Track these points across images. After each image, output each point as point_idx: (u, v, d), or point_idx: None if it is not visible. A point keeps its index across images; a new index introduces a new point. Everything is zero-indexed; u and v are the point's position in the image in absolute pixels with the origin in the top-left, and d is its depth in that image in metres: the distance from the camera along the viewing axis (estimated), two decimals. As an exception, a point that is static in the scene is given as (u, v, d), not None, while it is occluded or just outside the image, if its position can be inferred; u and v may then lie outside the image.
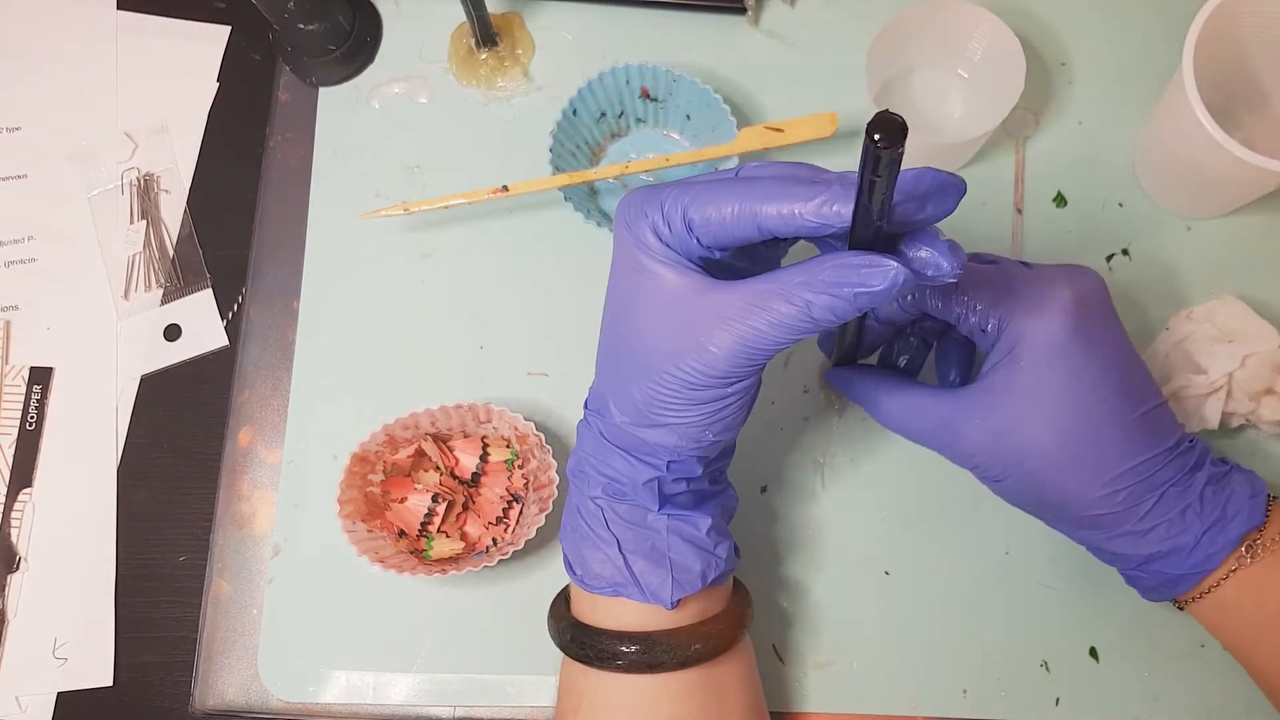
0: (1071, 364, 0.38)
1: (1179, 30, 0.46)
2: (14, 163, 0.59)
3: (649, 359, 0.36)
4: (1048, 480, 0.40)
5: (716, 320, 0.34)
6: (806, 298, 0.32)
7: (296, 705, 0.50)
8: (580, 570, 0.40)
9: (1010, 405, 0.39)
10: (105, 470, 0.55)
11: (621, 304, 0.37)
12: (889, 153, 0.28)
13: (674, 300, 0.35)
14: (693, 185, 0.35)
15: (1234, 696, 0.47)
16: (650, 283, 0.35)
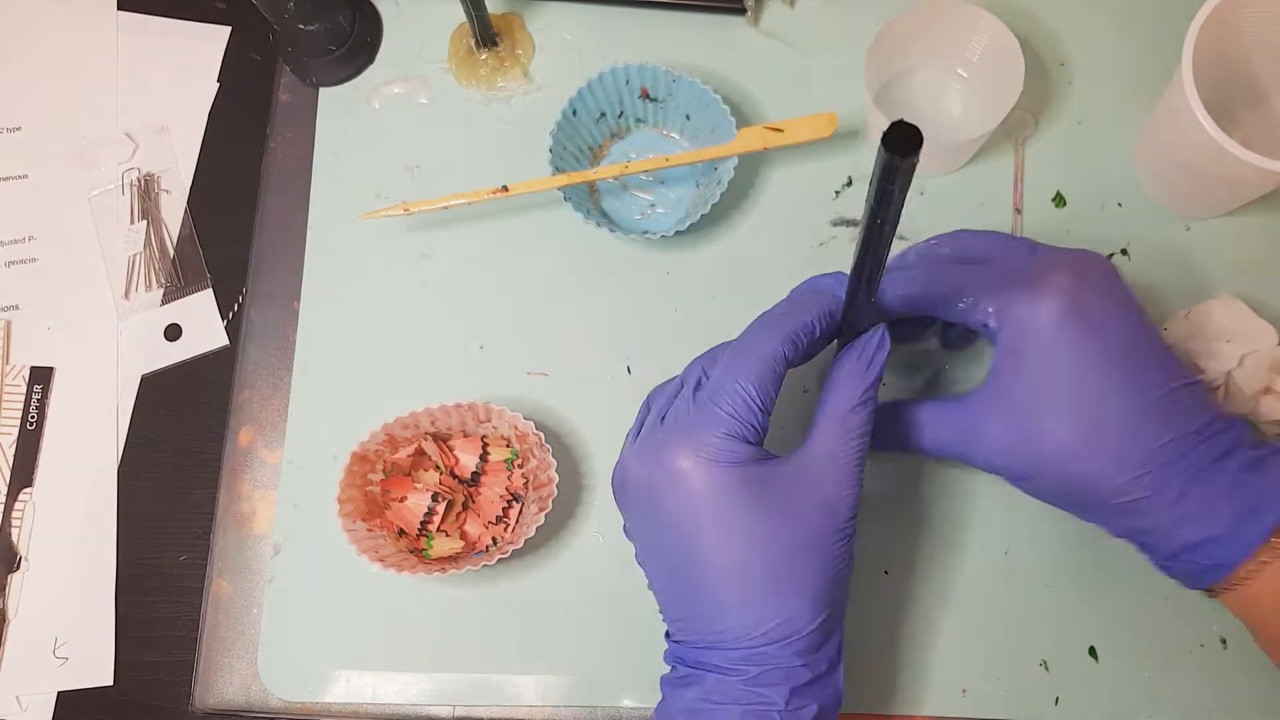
0: (1073, 348, 0.38)
1: (1179, 30, 0.46)
2: (14, 163, 0.59)
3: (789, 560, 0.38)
4: (1070, 472, 0.39)
5: (830, 471, 0.38)
6: (865, 398, 0.39)
7: (296, 705, 0.50)
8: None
9: (1020, 400, 0.39)
10: (106, 470, 0.55)
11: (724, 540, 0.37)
12: (905, 162, 0.28)
13: (784, 487, 0.38)
14: (729, 371, 0.39)
15: (1234, 696, 0.47)
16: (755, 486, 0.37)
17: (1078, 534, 0.49)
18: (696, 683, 0.38)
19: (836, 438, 0.38)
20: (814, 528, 0.37)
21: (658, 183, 0.56)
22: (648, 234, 0.51)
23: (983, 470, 0.42)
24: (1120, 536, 0.42)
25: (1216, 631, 0.48)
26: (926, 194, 0.54)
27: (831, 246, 0.54)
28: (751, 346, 0.39)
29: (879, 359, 0.40)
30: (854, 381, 0.39)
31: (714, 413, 0.38)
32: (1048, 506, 0.50)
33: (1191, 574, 0.40)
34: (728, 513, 0.37)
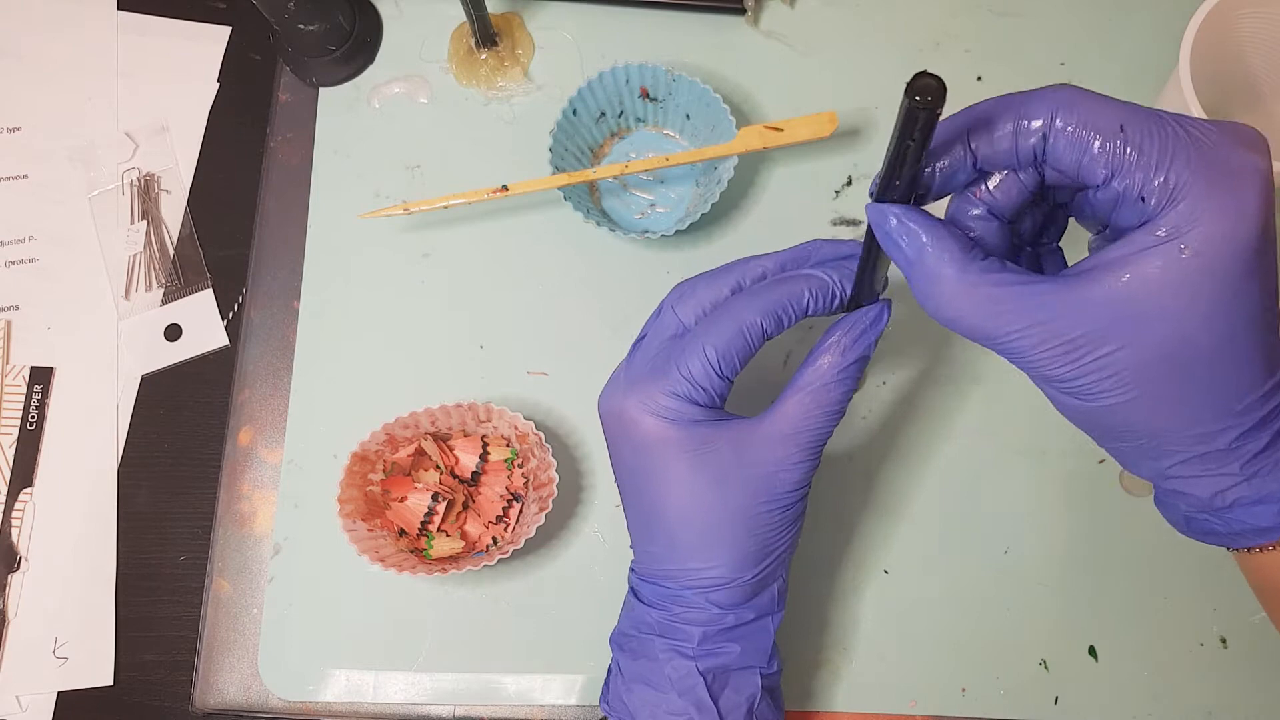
0: (1254, 264, 0.29)
1: (1177, 31, 0.46)
2: (14, 163, 0.59)
3: (730, 516, 0.38)
4: (1167, 401, 0.31)
5: (778, 446, 0.38)
6: (843, 375, 0.38)
7: (297, 704, 0.50)
8: None
9: (1162, 303, 0.30)
10: (106, 470, 0.55)
11: (662, 491, 0.39)
12: (927, 114, 0.27)
13: (723, 453, 0.38)
14: (702, 332, 0.39)
15: (1234, 695, 0.47)
16: (691, 446, 0.38)
17: (1078, 533, 0.50)
18: (633, 609, 0.41)
19: (795, 414, 0.38)
20: (747, 496, 0.38)
21: (658, 182, 0.56)
22: (648, 233, 0.51)
23: (1015, 364, 0.33)
24: (1149, 478, 0.35)
25: (1216, 631, 0.48)
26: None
27: (831, 246, 0.54)
28: (733, 313, 0.38)
29: (868, 339, 0.38)
30: (833, 358, 0.38)
31: (673, 371, 0.38)
32: (1048, 505, 0.50)
33: (1235, 532, 0.34)
34: (666, 468, 0.38)
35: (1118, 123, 0.30)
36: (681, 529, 0.39)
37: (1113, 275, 0.30)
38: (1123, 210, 0.31)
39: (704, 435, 0.38)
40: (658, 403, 0.38)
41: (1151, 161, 0.29)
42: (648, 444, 0.38)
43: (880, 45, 0.57)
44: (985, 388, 0.52)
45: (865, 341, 0.38)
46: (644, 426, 0.38)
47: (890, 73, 0.56)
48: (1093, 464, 0.50)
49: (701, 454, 0.38)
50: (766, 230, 0.54)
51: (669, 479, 0.38)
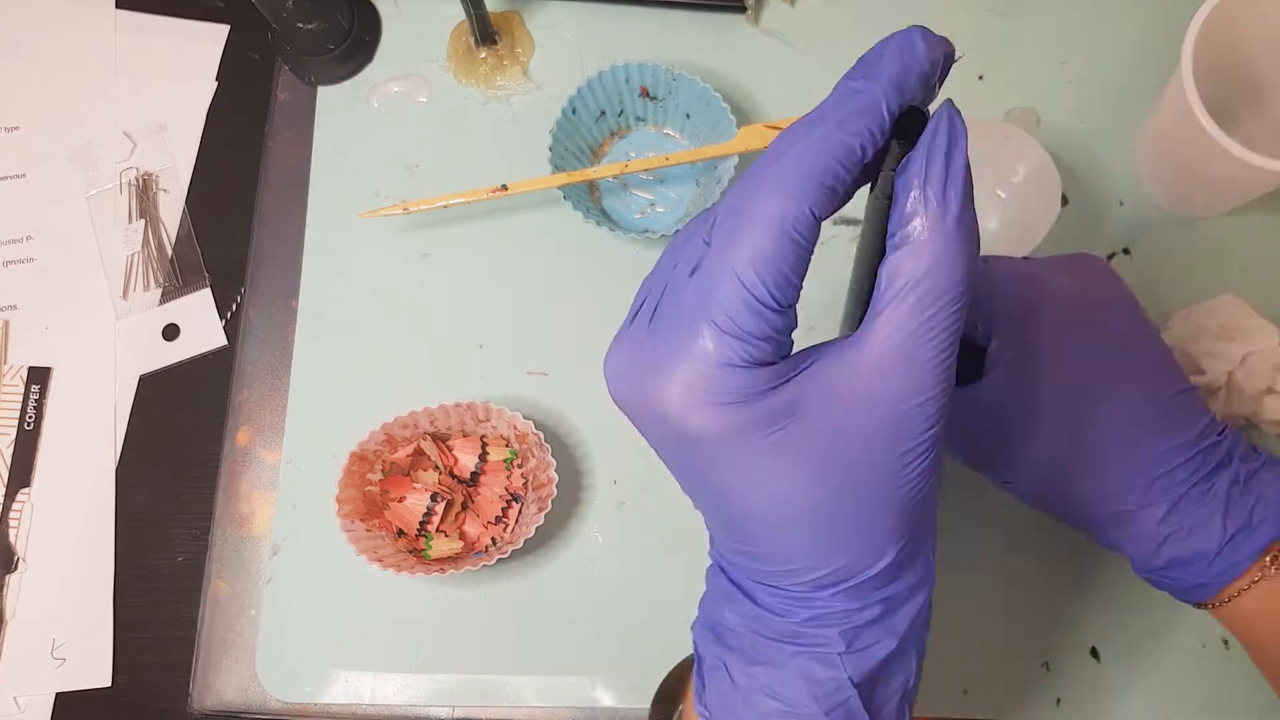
0: (1071, 353, 0.36)
1: (1179, 29, 0.46)
2: (12, 162, 0.59)
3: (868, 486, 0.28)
4: (1055, 482, 0.38)
5: (892, 375, 0.26)
6: (962, 234, 0.26)
7: (295, 706, 0.50)
8: None
9: (1011, 404, 0.37)
10: (104, 470, 0.54)
11: (744, 492, 0.28)
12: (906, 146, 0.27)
13: (816, 417, 0.27)
14: (724, 255, 0.26)
15: (1236, 697, 0.47)
16: (769, 426, 0.26)
17: (1079, 534, 0.49)
18: (739, 603, 0.31)
19: (906, 321, 0.26)
20: (871, 457, 0.27)
21: (658, 181, 0.55)
22: (648, 233, 0.51)
23: (967, 466, 0.40)
24: (1107, 547, 0.40)
25: (1218, 633, 0.48)
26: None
27: (832, 246, 0.54)
28: (761, 206, 0.26)
29: (957, 165, 0.26)
30: (930, 216, 0.25)
31: (706, 329, 0.26)
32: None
33: (1181, 589, 0.39)
34: (744, 464, 0.27)
35: None
36: (787, 530, 0.28)
37: (979, 388, 0.37)
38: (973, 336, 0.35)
39: (782, 403, 0.26)
40: (707, 385, 0.26)
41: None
42: (706, 441, 0.27)
43: (881, 44, 0.57)
44: (986, 388, 0.52)
45: (959, 167, 0.26)
46: (696, 422, 0.26)
47: (891, 72, 0.56)
48: (1094, 464, 0.50)
49: (790, 428, 0.26)
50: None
51: (752, 475, 0.27)
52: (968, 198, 0.26)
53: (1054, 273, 0.37)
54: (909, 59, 0.28)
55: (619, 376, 0.28)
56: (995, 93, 0.56)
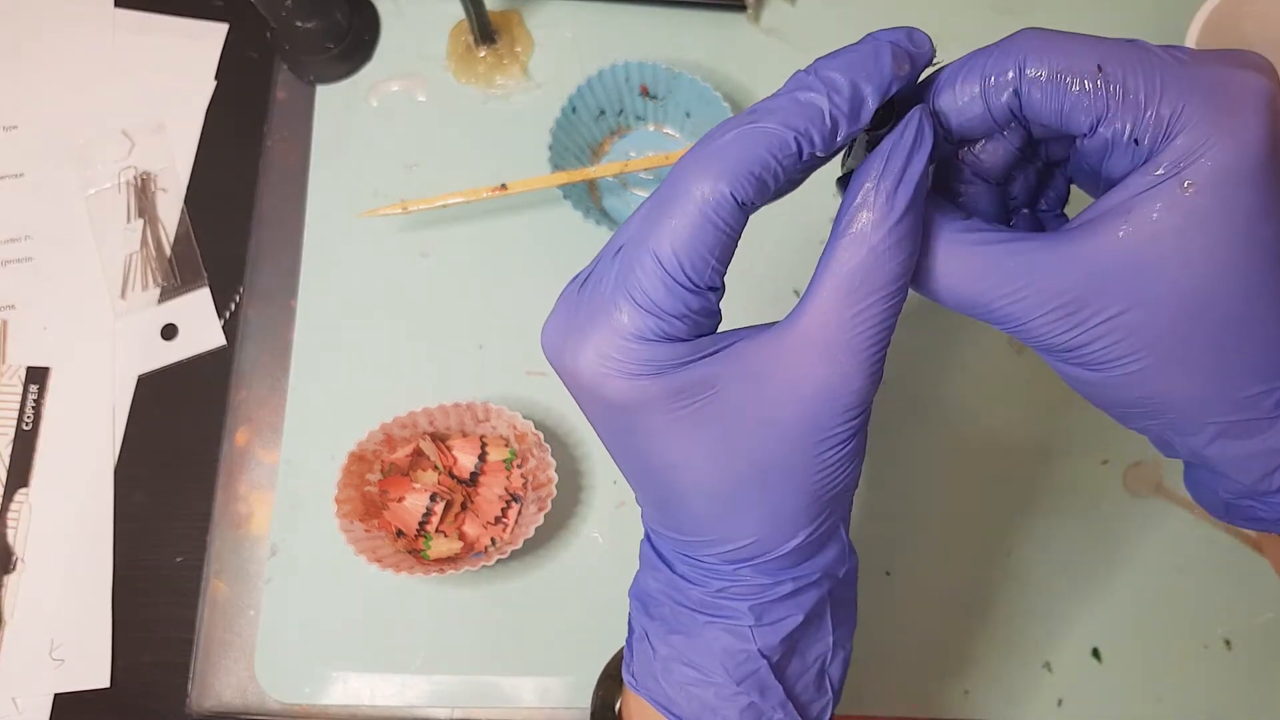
0: (1270, 196, 0.25)
1: (1179, 29, 0.45)
2: (11, 161, 0.59)
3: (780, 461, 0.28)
4: (1190, 364, 0.27)
5: (816, 361, 0.27)
6: (900, 236, 0.26)
7: (294, 706, 0.49)
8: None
9: (1169, 251, 0.25)
10: (102, 470, 0.54)
11: (662, 462, 0.28)
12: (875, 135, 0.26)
13: (734, 393, 0.27)
14: (643, 232, 0.27)
15: (1237, 697, 0.47)
16: (685, 399, 0.27)
17: (1081, 535, 0.49)
18: (660, 571, 0.32)
19: (838, 310, 0.26)
20: (786, 442, 0.27)
21: (658, 180, 0.55)
22: (647, 233, 0.51)
23: (1017, 336, 0.28)
24: (1188, 457, 0.31)
25: (1220, 633, 0.48)
26: (927, 193, 0.54)
27: (832, 245, 0.54)
28: (684, 186, 0.26)
29: (916, 167, 0.26)
30: (875, 213, 0.26)
31: (622, 302, 0.27)
32: (1051, 507, 0.50)
33: (1276, 519, 0.30)
34: (656, 433, 0.27)
35: (1094, 61, 0.27)
36: (701, 502, 0.28)
37: (1110, 225, 0.26)
38: (1115, 158, 0.27)
39: (699, 378, 0.27)
40: (619, 355, 0.27)
41: (1139, 98, 0.26)
42: (623, 409, 0.27)
43: (881, 43, 0.57)
44: (988, 388, 0.51)
45: (915, 173, 0.26)
46: (610, 390, 0.27)
47: (891, 71, 0.56)
48: (1096, 464, 0.50)
49: (702, 404, 0.27)
50: (765, 229, 0.54)
51: (668, 447, 0.27)
52: (915, 201, 0.26)
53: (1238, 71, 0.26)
54: (870, 72, 0.27)
55: (549, 338, 0.29)
56: (996, 92, 0.56)
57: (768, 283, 0.53)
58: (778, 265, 0.54)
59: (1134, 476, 0.50)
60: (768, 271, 0.53)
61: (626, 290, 0.27)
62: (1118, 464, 0.50)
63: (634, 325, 0.26)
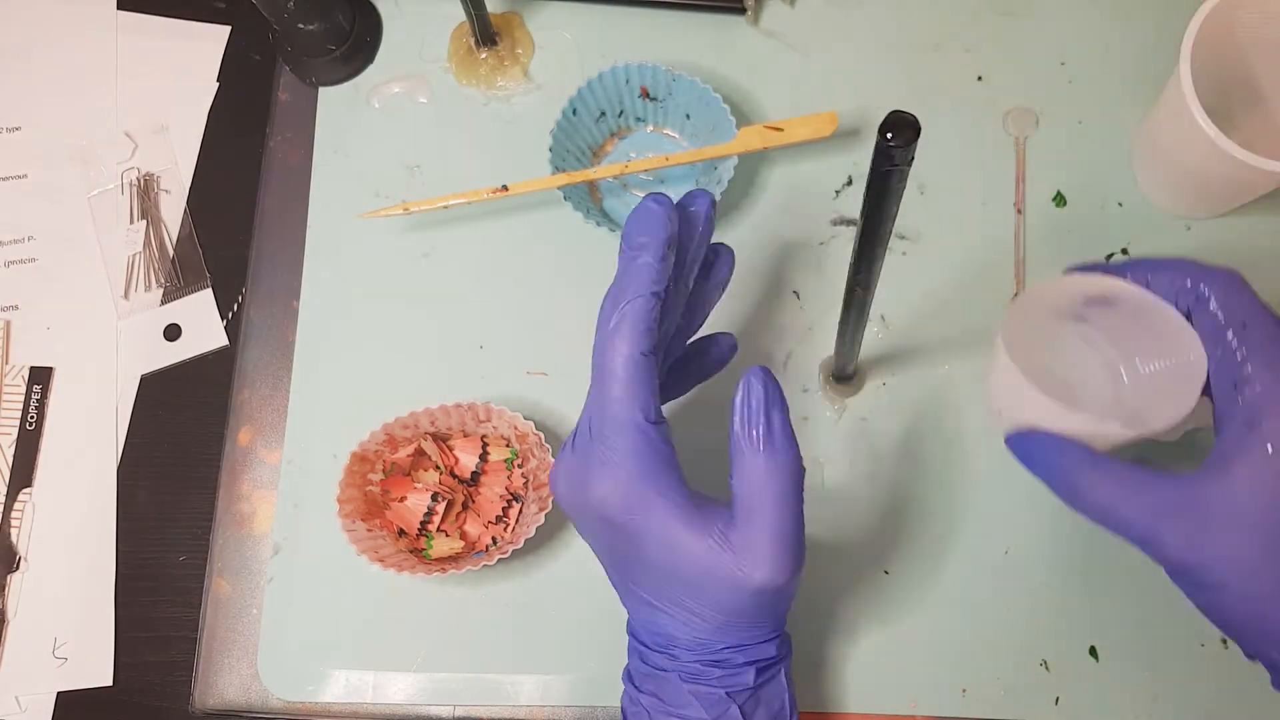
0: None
1: (1178, 30, 0.46)
2: (14, 162, 0.59)
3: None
4: (1264, 594, 0.33)
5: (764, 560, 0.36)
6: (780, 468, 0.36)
7: (296, 705, 0.50)
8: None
9: (1261, 500, 0.32)
10: (105, 470, 0.55)
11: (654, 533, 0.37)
12: (901, 151, 0.28)
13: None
14: (603, 396, 0.37)
15: (1235, 696, 0.47)
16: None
17: (1078, 534, 0.49)
18: (642, 654, 0.40)
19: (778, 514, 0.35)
20: (763, 600, 0.36)
21: (658, 182, 0.56)
22: (648, 234, 0.51)
23: (1165, 568, 0.36)
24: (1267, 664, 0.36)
25: (1218, 633, 0.48)
26: (926, 193, 0.54)
27: (832, 246, 0.54)
28: (606, 364, 0.37)
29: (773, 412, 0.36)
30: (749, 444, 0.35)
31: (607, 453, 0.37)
32: (1048, 505, 0.50)
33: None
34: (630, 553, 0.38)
35: (1242, 318, 0.35)
36: (688, 627, 0.38)
37: (1221, 470, 0.33)
38: (1220, 389, 0.35)
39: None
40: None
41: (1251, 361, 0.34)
42: (621, 528, 0.37)
43: (881, 45, 0.57)
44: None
45: (776, 419, 0.35)
46: (610, 511, 0.37)
47: (890, 73, 0.56)
48: (1093, 464, 0.50)
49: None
50: (766, 230, 0.54)
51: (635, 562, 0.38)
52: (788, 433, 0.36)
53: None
54: (657, 229, 0.36)
55: (559, 484, 0.38)
56: (994, 93, 0.56)
57: (770, 284, 0.54)
58: (779, 267, 0.54)
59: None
60: (769, 273, 0.54)
61: (604, 445, 0.37)
62: (1116, 464, 0.50)
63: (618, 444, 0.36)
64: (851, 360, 0.48)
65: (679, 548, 0.36)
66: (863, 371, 0.52)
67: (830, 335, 0.47)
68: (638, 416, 0.36)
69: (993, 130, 0.55)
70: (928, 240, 0.54)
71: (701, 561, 0.36)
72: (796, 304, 0.53)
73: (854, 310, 0.41)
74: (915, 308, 0.53)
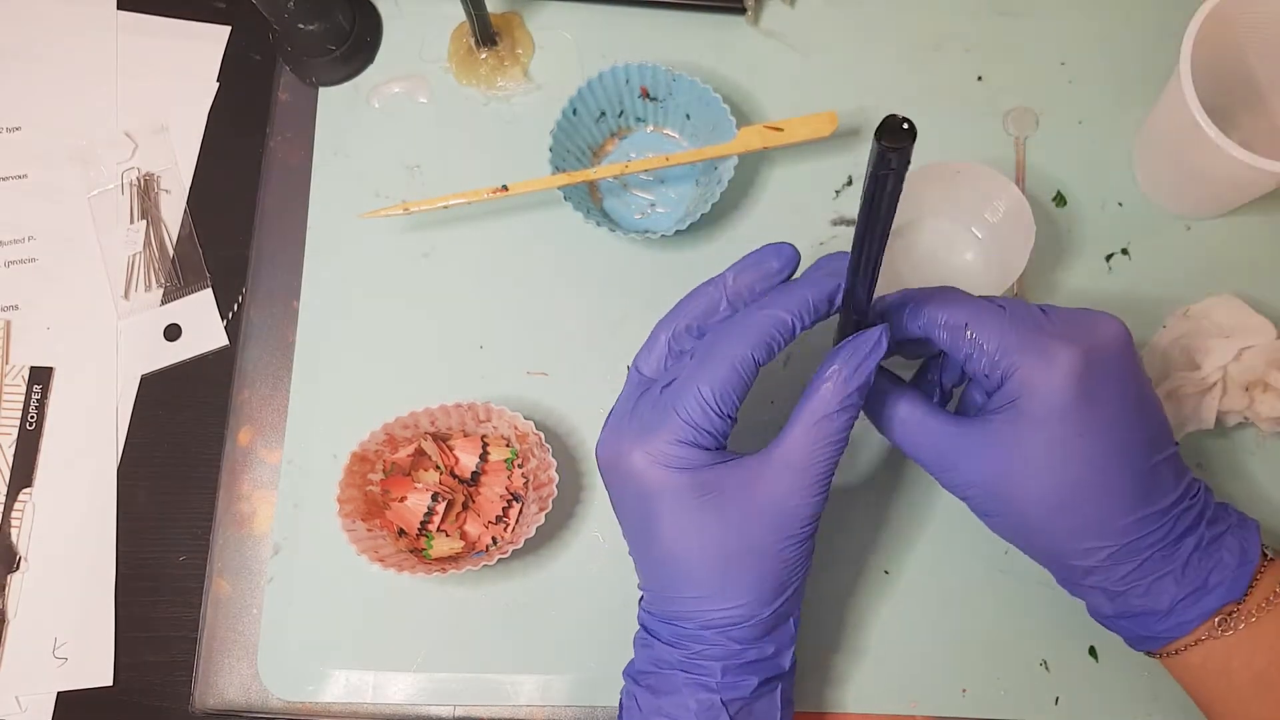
0: (1073, 426, 0.37)
1: (1178, 30, 0.46)
2: (14, 162, 0.59)
3: (752, 558, 0.39)
4: (1034, 528, 0.40)
5: (787, 481, 0.38)
6: (846, 404, 0.38)
7: (296, 705, 0.50)
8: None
9: (1006, 452, 0.39)
10: (105, 470, 0.55)
11: (674, 537, 0.39)
12: (897, 155, 0.28)
13: (733, 494, 0.38)
14: (694, 374, 0.39)
15: (1233, 696, 0.47)
16: (700, 492, 0.38)
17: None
18: (650, 647, 0.41)
19: (802, 446, 0.38)
20: (762, 534, 0.38)
21: (658, 182, 0.56)
22: (648, 233, 0.51)
23: (949, 491, 0.42)
24: (1064, 587, 0.42)
25: (1216, 631, 0.48)
26: (926, 194, 0.54)
27: (832, 246, 0.54)
28: (723, 349, 0.38)
29: (868, 365, 0.38)
30: (834, 387, 0.38)
31: (671, 418, 0.38)
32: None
33: (1129, 639, 0.42)
34: (677, 513, 0.38)
35: (965, 320, 0.39)
36: (698, 572, 0.39)
37: (983, 424, 0.39)
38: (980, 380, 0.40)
39: (712, 478, 0.38)
40: (662, 451, 0.38)
41: (986, 349, 0.39)
42: (655, 493, 0.38)
43: (881, 45, 0.57)
44: (985, 388, 0.52)
45: (866, 369, 0.38)
46: (650, 476, 0.38)
47: (891, 73, 0.56)
48: (1093, 464, 0.50)
49: (712, 498, 0.38)
50: (766, 230, 0.54)
51: (681, 526, 0.38)
52: (862, 387, 0.38)
53: (1074, 331, 0.38)
54: (825, 281, 0.40)
55: (605, 444, 0.41)
56: (994, 93, 0.56)
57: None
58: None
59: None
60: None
61: (676, 410, 0.38)
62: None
63: (679, 433, 0.38)
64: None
65: (702, 505, 0.38)
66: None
67: (830, 335, 0.47)
68: (710, 416, 0.38)
69: (993, 130, 0.55)
70: (928, 240, 0.54)
71: (741, 474, 0.38)
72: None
73: (854, 310, 0.41)
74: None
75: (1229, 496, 0.49)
